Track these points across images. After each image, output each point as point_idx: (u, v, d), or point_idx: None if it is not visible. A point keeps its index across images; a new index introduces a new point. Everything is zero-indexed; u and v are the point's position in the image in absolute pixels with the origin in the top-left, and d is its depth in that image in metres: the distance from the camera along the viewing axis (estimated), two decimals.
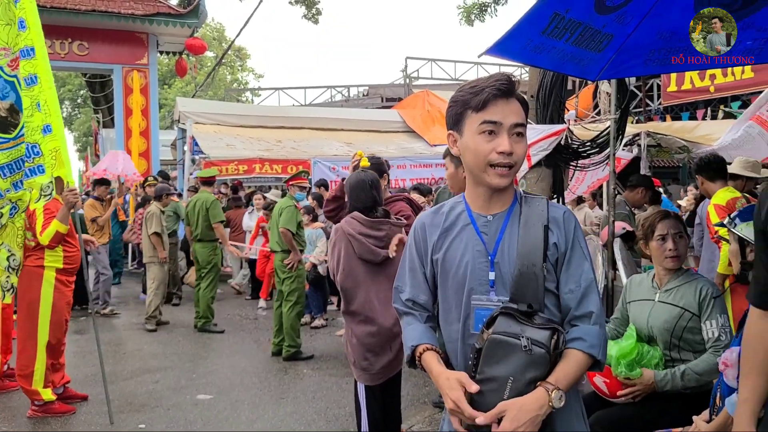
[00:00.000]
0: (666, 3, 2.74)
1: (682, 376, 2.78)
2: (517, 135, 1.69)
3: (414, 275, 1.88)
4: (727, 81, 12.54)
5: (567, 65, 2.89)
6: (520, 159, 1.70)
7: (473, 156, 1.70)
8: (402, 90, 20.48)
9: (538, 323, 1.61)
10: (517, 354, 1.57)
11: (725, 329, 2.77)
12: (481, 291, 1.72)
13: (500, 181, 1.69)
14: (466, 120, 1.72)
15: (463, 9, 15.72)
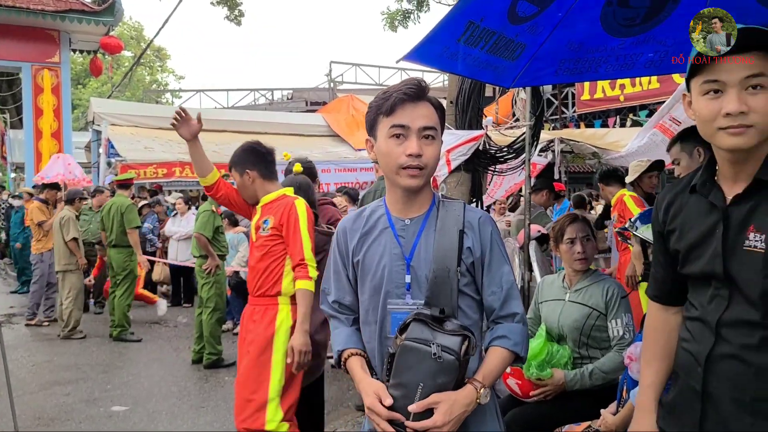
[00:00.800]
0: (574, 16, 2.87)
1: (590, 375, 2.91)
2: (427, 138, 1.72)
3: (338, 278, 1.91)
4: (636, 91, 13.20)
5: (483, 72, 2.98)
6: (430, 161, 1.72)
7: (385, 159, 1.74)
8: (326, 94, 20.46)
9: (449, 330, 1.64)
10: (427, 361, 1.59)
11: (629, 327, 2.93)
12: (397, 294, 1.75)
13: (411, 182, 1.71)
14: (378, 125, 1.75)
15: (387, 15, 15.89)
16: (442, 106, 1.82)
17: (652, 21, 3.00)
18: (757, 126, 1.40)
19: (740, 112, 1.39)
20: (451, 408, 1.59)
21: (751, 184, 1.46)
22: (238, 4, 13.67)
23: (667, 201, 1.70)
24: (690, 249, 1.58)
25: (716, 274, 1.50)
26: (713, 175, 1.57)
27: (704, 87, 1.46)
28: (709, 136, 1.49)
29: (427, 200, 1.81)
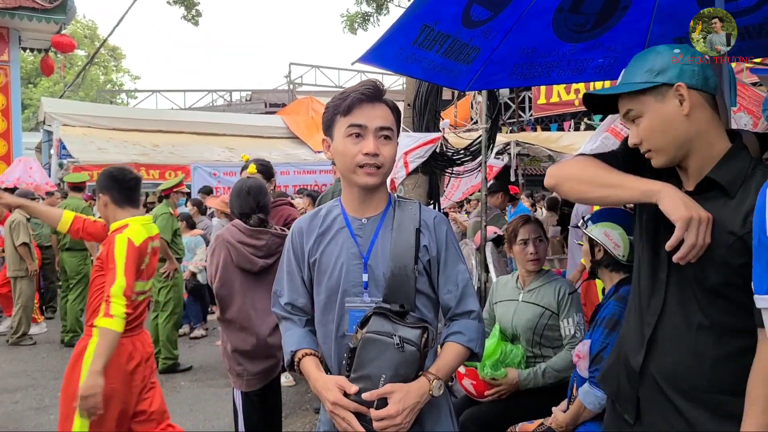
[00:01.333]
0: (526, 21, 2.93)
1: (543, 374, 2.98)
2: (384, 138, 1.75)
3: (292, 279, 1.90)
4: None
5: (438, 75, 3.01)
6: (387, 160, 1.75)
7: (342, 158, 1.76)
8: (286, 96, 20.35)
9: (409, 322, 1.67)
10: (389, 352, 1.62)
11: (580, 326, 3.00)
12: (355, 293, 1.77)
13: (368, 180, 1.74)
14: (335, 125, 1.77)
15: (347, 17, 15.90)
16: (398, 108, 1.85)
17: (601, 27, 3.09)
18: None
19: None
20: (405, 398, 1.61)
21: (702, 182, 1.54)
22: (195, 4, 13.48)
23: None
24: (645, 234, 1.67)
25: (661, 263, 1.59)
26: (669, 172, 1.64)
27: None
28: None
29: (383, 200, 1.84)
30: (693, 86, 1.51)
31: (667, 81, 1.52)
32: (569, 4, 2.92)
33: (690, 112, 1.51)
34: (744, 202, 1.45)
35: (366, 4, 15.74)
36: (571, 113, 14.18)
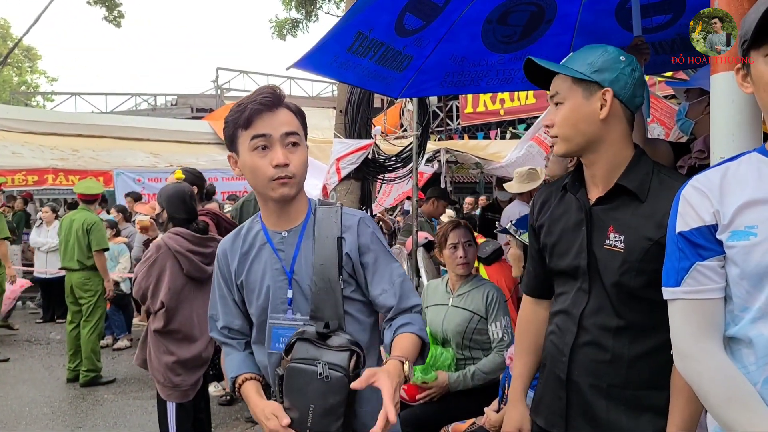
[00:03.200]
0: (457, 31, 3.01)
1: (472, 377, 3.06)
2: (292, 145, 1.65)
3: (225, 302, 1.83)
4: (514, 105, 13.94)
5: (372, 82, 3.05)
6: (299, 168, 1.66)
7: (252, 174, 1.65)
8: (213, 101, 19.96)
9: (336, 345, 1.60)
10: (314, 382, 1.55)
11: (507, 330, 3.09)
12: (281, 309, 1.70)
13: (284, 191, 1.64)
14: (238, 139, 1.66)
15: (275, 23, 15.81)
16: (302, 111, 1.75)
17: (527, 39, 3.21)
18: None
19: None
20: (391, 374, 1.47)
21: (613, 189, 1.62)
22: (117, 5, 13.10)
23: (542, 198, 1.84)
24: (556, 243, 1.72)
25: (580, 269, 1.64)
26: (581, 175, 1.72)
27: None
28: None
29: (302, 209, 1.75)
30: (619, 97, 1.59)
31: (599, 81, 1.58)
32: (497, 16, 3.02)
33: (607, 118, 1.59)
34: (657, 206, 1.55)
35: (295, 11, 15.72)
36: (497, 122, 14.56)
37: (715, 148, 1.50)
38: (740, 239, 1.22)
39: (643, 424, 1.55)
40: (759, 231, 1.20)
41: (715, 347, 1.26)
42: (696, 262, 1.28)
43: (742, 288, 1.23)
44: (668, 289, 1.33)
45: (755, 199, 1.22)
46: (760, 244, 1.19)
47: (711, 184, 1.29)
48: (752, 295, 1.21)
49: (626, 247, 1.56)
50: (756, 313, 1.20)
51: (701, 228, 1.28)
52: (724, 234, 1.25)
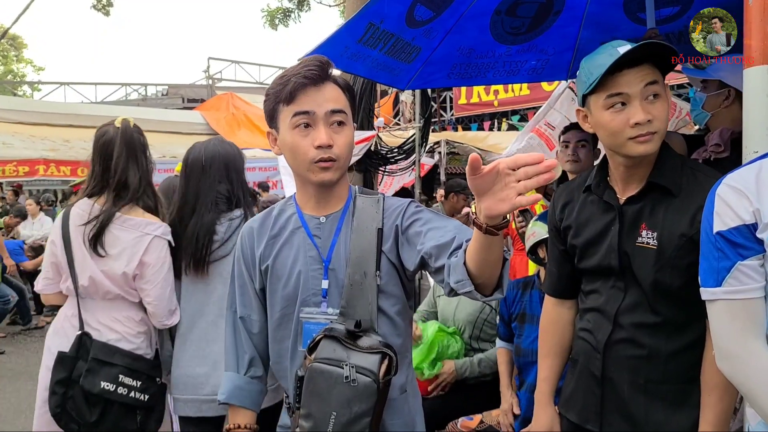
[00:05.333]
0: (465, 23, 2.98)
1: (479, 364, 3.05)
2: (338, 124, 1.50)
3: (244, 292, 1.67)
4: (508, 96, 13.92)
5: (380, 74, 3.02)
6: (344, 150, 1.51)
7: (292, 154, 1.52)
8: (204, 91, 19.79)
9: (365, 347, 1.45)
10: (339, 386, 1.40)
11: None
12: (313, 302, 1.55)
13: (325, 176, 1.50)
14: (279, 115, 1.52)
15: (267, 12, 15.68)
16: (351, 87, 1.60)
17: (535, 30, 3.19)
18: (659, 132, 1.53)
19: (647, 120, 1.51)
20: None
21: (645, 186, 1.60)
22: None
23: (563, 200, 1.82)
24: (587, 245, 1.70)
25: (613, 268, 1.63)
26: (606, 176, 1.70)
27: (608, 101, 1.56)
28: (618, 147, 1.59)
29: (344, 194, 1.60)
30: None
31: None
32: (506, 7, 3.00)
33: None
34: (690, 202, 1.54)
35: (287, 0, 15.61)
36: (490, 114, 14.55)
37: (749, 144, 1.49)
38: None
39: (680, 418, 1.55)
40: None
41: (760, 347, 1.25)
42: (737, 262, 1.26)
43: None
44: (708, 290, 1.32)
45: None
46: None
47: (747, 183, 1.28)
48: None
49: (659, 244, 1.55)
50: None
51: (740, 227, 1.26)
52: (765, 232, 1.23)
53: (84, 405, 2.26)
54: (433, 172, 7.21)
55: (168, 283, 2.37)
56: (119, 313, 2.38)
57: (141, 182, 2.43)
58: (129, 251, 2.33)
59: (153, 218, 2.41)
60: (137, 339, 2.38)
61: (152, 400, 2.35)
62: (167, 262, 2.38)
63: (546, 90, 9.85)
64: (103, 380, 2.25)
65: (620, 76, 1.53)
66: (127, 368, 2.30)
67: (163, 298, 2.35)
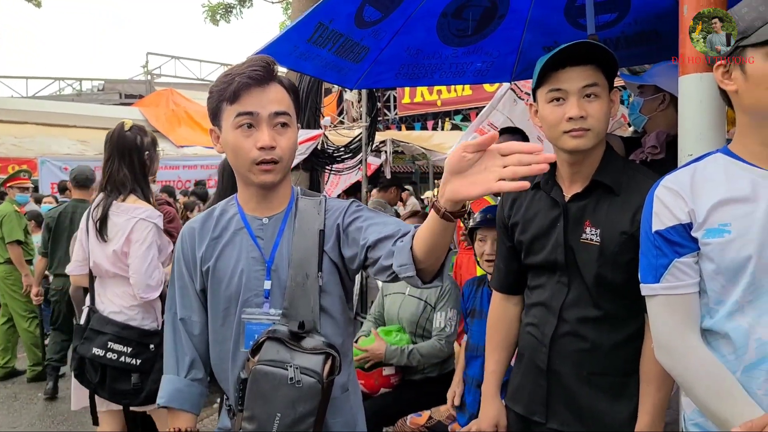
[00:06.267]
0: (413, 24, 3.02)
1: (408, 354, 3.08)
2: (281, 125, 1.50)
3: (184, 293, 1.64)
4: (451, 96, 14.08)
5: (329, 73, 3.03)
6: (286, 152, 1.51)
7: (234, 154, 1.51)
8: (143, 87, 19.27)
9: (309, 348, 1.46)
10: (283, 387, 1.41)
11: (451, 322, 3.14)
12: (255, 303, 1.54)
13: (266, 178, 1.50)
14: (223, 113, 1.52)
15: (208, 8, 15.40)
16: (296, 87, 1.61)
17: (481, 33, 3.26)
18: (594, 129, 1.61)
19: (580, 117, 1.58)
20: None
21: (589, 184, 1.67)
22: None
23: (512, 196, 1.88)
24: (534, 240, 1.77)
25: (558, 263, 1.69)
26: (554, 174, 1.77)
27: (549, 95, 1.64)
28: (554, 139, 1.67)
29: (286, 196, 1.61)
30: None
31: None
32: (452, 10, 3.05)
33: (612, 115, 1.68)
34: (630, 201, 1.62)
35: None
36: (434, 113, 14.70)
37: (684, 147, 1.57)
38: (715, 236, 1.28)
39: (621, 407, 1.63)
40: (732, 228, 1.27)
41: (696, 341, 1.32)
42: (674, 259, 1.34)
43: (718, 283, 1.29)
44: (647, 286, 1.39)
45: (727, 198, 1.29)
46: (734, 240, 1.26)
47: (683, 184, 1.36)
48: (727, 289, 1.28)
49: (602, 241, 1.62)
50: (732, 306, 1.27)
51: (677, 226, 1.34)
52: (699, 232, 1.31)
53: (89, 368, 2.67)
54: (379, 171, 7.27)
55: (146, 259, 2.67)
56: (119, 288, 2.74)
57: (135, 177, 2.81)
58: (120, 232, 2.70)
59: (143, 204, 2.76)
60: (132, 311, 2.72)
61: (145, 364, 2.65)
62: (148, 240, 2.70)
63: (488, 91, 10.02)
64: (95, 347, 2.63)
65: (563, 73, 1.61)
66: (116, 336, 2.64)
67: (140, 272, 2.65)
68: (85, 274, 2.83)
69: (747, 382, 1.25)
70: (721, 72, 1.31)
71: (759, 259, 1.24)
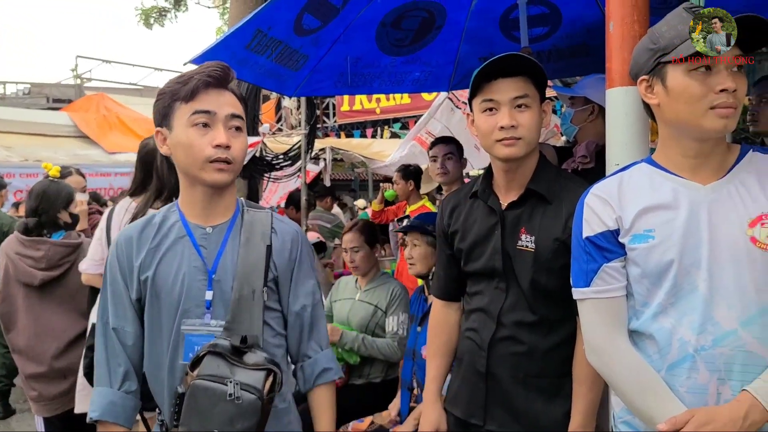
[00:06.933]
0: (352, 33, 3.05)
1: (363, 341, 3.11)
2: (236, 129, 1.51)
3: (118, 302, 1.58)
4: (390, 105, 14.20)
5: (267, 80, 3.02)
6: (239, 155, 1.52)
7: (186, 152, 1.49)
8: (72, 91, 18.57)
9: (251, 363, 1.44)
10: (222, 403, 1.38)
11: (403, 325, 3.19)
12: (196, 314, 1.51)
13: (218, 177, 1.49)
14: (175, 113, 1.50)
15: (141, 11, 15.04)
16: (245, 99, 1.71)
17: (419, 43, 3.32)
18: (525, 138, 1.66)
19: (511, 126, 1.63)
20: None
21: (524, 193, 1.73)
22: None
23: (451, 205, 1.92)
24: (473, 247, 1.81)
25: (496, 269, 1.74)
26: (491, 184, 1.82)
27: (483, 105, 1.69)
28: (488, 148, 1.72)
29: (231, 205, 1.59)
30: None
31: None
32: (391, 20, 3.09)
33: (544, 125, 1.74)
34: (563, 209, 1.68)
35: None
36: (372, 121, 14.78)
37: (611, 157, 1.64)
38: (640, 242, 1.35)
39: (555, 408, 1.69)
40: (656, 234, 1.34)
41: (623, 341, 1.39)
42: (603, 264, 1.40)
43: (643, 286, 1.36)
44: (579, 290, 1.45)
45: (651, 205, 1.36)
46: (658, 245, 1.33)
47: (610, 192, 1.42)
48: (652, 292, 1.35)
49: (536, 247, 1.68)
50: (656, 308, 1.34)
51: (605, 232, 1.40)
52: (626, 237, 1.38)
53: None
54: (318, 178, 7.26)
55: None
56: None
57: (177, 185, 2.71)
58: None
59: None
60: None
61: None
62: None
63: (426, 99, 10.15)
64: None
65: (495, 84, 1.67)
66: None
67: None
68: (99, 273, 2.67)
69: (670, 379, 1.32)
70: (644, 86, 1.39)
71: (680, 263, 1.31)
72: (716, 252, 1.30)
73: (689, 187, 1.35)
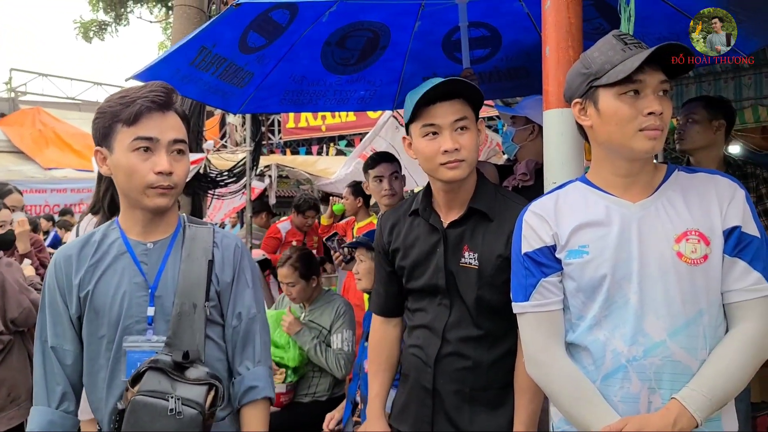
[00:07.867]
0: (298, 51, 3.07)
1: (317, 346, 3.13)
2: (178, 152, 1.52)
3: (57, 321, 1.56)
4: (336, 122, 14.22)
5: (212, 97, 3.00)
6: (181, 179, 1.53)
7: (127, 177, 1.49)
8: (6, 105, 17.88)
9: (192, 378, 1.45)
10: (163, 419, 1.38)
11: (348, 342, 3.20)
12: (137, 330, 1.51)
13: (161, 201, 1.50)
14: (116, 135, 1.49)
15: (80, 24, 14.68)
16: (188, 116, 1.66)
17: (363, 63, 3.36)
18: (467, 160, 1.71)
19: (455, 149, 1.68)
20: None
21: (466, 211, 1.77)
22: None
23: (390, 222, 1.94)
24: (415, 265, 1.83)
25: (440, 287, 1.77)
26: (431, 202, 1.85)
27: (423, 130, 1.72)
28: (431, 171, 1.75)
29: (173, 221, 1.61)
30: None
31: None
32: (336, 39, 3.13)
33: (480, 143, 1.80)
34: (504, 226, 1.73)
35: (103, 13, 14.73)
36: (318, 138, 14.77)
37: (549, 175, 1.71)
38: (575, 257, 1.41)
39: (499, 419, 1.72)
40: (590, 249, 1.40)
41: (560, 353, 1.44)
42: (541, 279, 1.45)
43: (579, 299, 1.42)
44: (518, 304, 1.50)
45: (585, 222, 1.42)
46: (591, 261, 1.39)
47: (547, 210, 1.48)
48: (587, 305, 1.41)
49: (480, 264, 1.72)
50: (591, 321, 1.40)
51: (543, 248, 1.46)
52: (562, 253, 1.43)
53: None
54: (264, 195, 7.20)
55: None
56: None
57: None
58: None
59: None
60: None
61: None
62: None
63: (371, 117, 10.23)
64: None
65: (434, 109, 1.70)
66: None
67: None
68: None
69: (605, 389, 1.37)
70: (578, 109, 1.46)
71: (612, 277, 1.37)
72: (646, 266, 1.36)
73: (620, 204, 1.42)
